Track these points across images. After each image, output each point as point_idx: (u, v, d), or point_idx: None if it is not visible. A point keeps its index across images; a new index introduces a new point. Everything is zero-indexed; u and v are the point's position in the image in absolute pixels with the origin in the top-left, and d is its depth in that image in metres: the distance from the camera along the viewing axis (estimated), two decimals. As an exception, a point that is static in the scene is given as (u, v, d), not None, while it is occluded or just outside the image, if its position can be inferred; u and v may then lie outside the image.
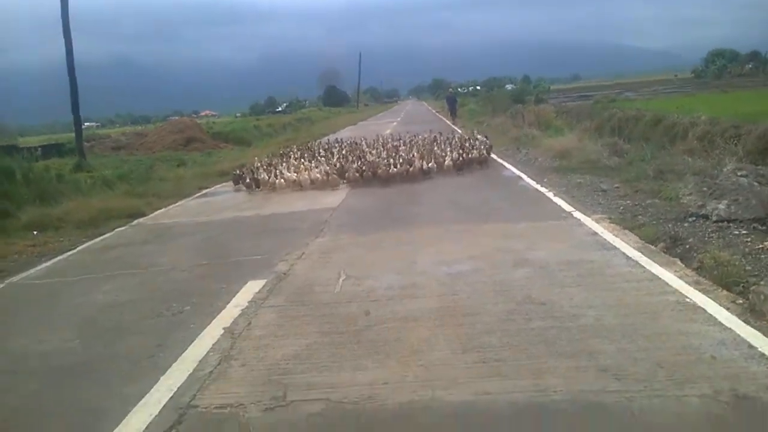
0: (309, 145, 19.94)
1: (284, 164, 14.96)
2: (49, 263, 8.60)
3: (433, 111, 58.83)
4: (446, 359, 4.18)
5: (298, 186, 13.20)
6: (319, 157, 15.74)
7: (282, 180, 13.36)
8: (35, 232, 10.65)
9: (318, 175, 13.29)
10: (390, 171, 13.03)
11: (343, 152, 16.31)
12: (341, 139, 20.29)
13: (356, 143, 18.21)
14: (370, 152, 15.73)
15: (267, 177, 13.64)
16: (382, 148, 16.33)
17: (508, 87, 76.39)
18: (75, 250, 9.32)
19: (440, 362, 4.14)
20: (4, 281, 7.74)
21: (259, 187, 13.63)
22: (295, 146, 19.90)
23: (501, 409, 3.50)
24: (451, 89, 57.02)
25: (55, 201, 12.51)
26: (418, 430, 3.40)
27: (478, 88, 61.68)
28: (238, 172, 14.91)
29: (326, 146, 18.16)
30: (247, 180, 13.99)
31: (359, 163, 13.96)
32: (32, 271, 8.19)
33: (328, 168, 13.75)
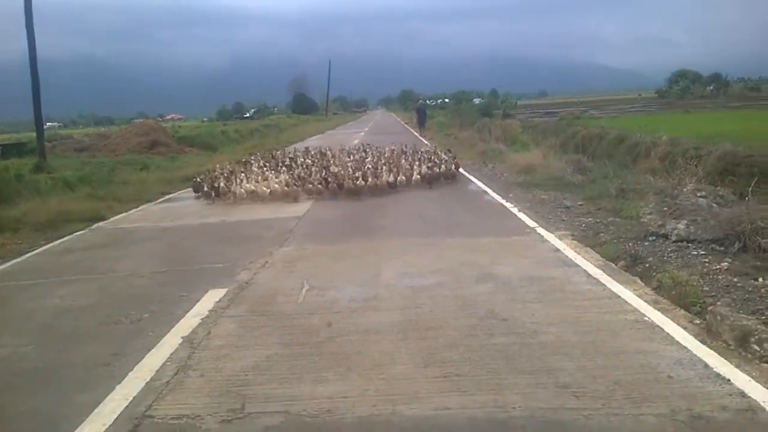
0: (273, 153, 19.43)
1: (245, 173, 14.37)
2: (4, 266, 8.37)
3: (402, 122, 59.02)
4: (408, 373, 4.17)
5: (257, 197, 12.55)
6: (281, 167, 15.18)
7: (242, 190, 12.66)
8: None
9: (277, 186, 12.76)
10: (356, 183, 12.62)
11: (308, 161, 16.02)
12: (307, 148, 19.89)
13: (322, 153, 17.90)
14: (335, 163, 15.37)
15: (227, 186, 12.96)
16: (348, 158, 16.13)
17: (476, 101, 77.11)
18: (32, 253, 9.09)
19: (402, 376, 4.13)
20: (-46, 283, 7.50)
21: (218, 197, 12.92)
22: (258, 153, 19.28)
23: (460, 425, 3.50)
24: (420, 101, 57.11)
25: (13, 202, 12.20)
26: (377, 444, 3.38)
27: (447, 100, 62.14)
28: (198, 179, 14.22)
29: (291, 155, 17.74)
30: (205, 189, 13.30)
31: (324, 173, 13.60)
32: (-15, 273, 7.95)
33: (288, 178, 13.21)
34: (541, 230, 8.52)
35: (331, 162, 15.63)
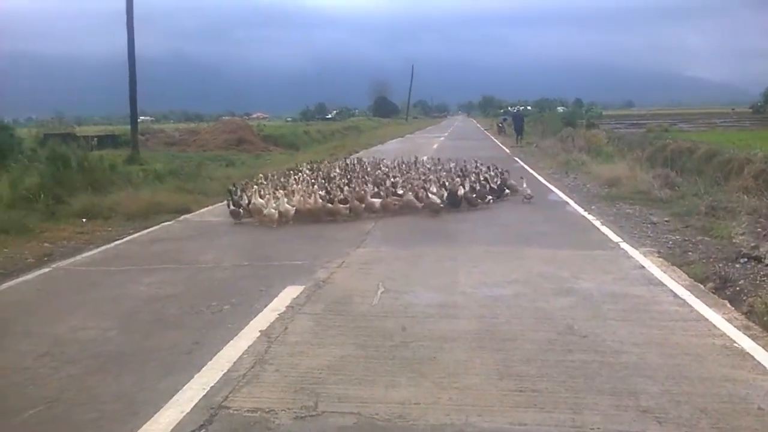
0: (326, 162, 17.46)
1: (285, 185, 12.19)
2: (95, 251, 8.80)
3: (482, 128, 58.63)
4: (482, 384, 4.10)
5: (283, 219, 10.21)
6: (328, 182, 12.76)
7: (272, 209, 10.08)
8: (84, 220, 10.92)
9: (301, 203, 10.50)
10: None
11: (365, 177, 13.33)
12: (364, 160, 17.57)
13: (375, 163, 16.23)
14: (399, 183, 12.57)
15: (258, 203, 10.40)
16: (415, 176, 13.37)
17: (560, 109, 75.49)
18: (121, 241, 9.52)
19: (476, 387, 4.06)
20: (51, 265, 7.94)
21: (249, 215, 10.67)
22: (305, 164, 16.20)
23: (535, 442, 3.41)
24: (518, 107, 55.27)
25: (106, 191, 12.78)
26: (448, 454, 3.33)
27: (529, 108, 60.84)
28: (233, 188, 11.62)
29: (345, 166, 15.85)
30: (231, 207, 10.85)
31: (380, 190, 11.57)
32: (79, 257, 8.39)
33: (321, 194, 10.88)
34: (625, 245, 8.23)
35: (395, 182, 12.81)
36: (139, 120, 23.92)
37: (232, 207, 10.79)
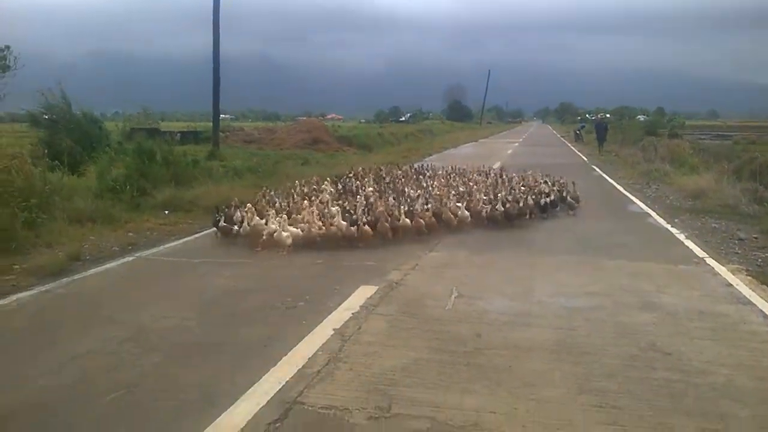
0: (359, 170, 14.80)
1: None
2: (177, 242, 9.09)
3: (558, 135, 57.41)
4: (560, 398, 3.97)
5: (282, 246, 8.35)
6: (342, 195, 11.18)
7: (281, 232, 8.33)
8: (167, 212, 11.30)
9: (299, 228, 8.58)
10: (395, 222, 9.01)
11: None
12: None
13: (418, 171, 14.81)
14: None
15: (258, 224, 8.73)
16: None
17: (640, 118, 72.90)
18: (202, 233, 9.78)
19: (554, 400, 3.94)
20: (134, 254, 8.26)
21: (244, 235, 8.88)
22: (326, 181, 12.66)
23: (617, 461, 3.27)
24: (601, 115, 53.18)
25: (188, 185, 13.18)
26: (525, 467, 3.24)
27: (608, 116, 58.91)
28: (221, 212, 9.42)
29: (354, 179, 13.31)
30: (221, 223, 9.13)
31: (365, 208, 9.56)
32: (161, 248, 8.68)
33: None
34: (711, 261, 7.85)
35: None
36: (219, 118, 24.55)
37: (222, 223, 9.06)
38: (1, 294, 6.41)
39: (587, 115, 79.50)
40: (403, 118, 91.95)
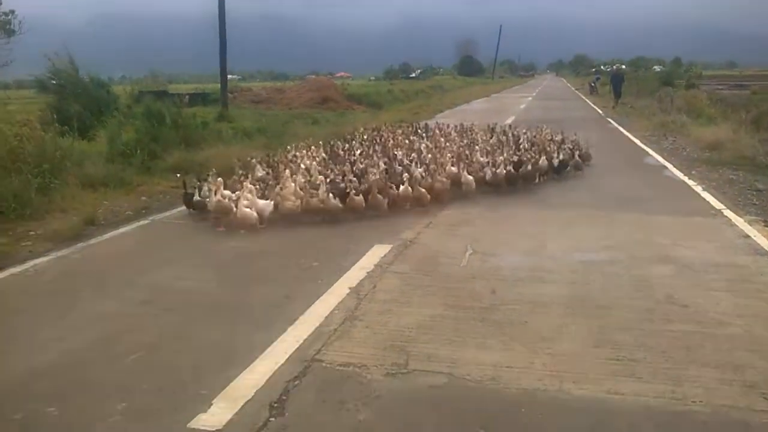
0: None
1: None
2: (189, 206, 9.08)
3: (572, 88, 56.62)
4: (576, 351, 3.99)
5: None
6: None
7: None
8: (178, 175, 11.28)
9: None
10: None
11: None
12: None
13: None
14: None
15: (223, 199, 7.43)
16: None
17: (656, 68, 71.47)
18: (214, 196, 9.75)
19: (570, 353, 3.95)
20: (148, 218, 8.29)
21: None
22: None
23: (634, 412, 3.28)
24: (617, 66, 51.81)
25: (198, 147, 13.15)
26: (542, 419, 3.26)
27: (623, 67, 57.61)
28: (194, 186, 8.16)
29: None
30: (195, 197, 7.89)
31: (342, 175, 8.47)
32: (174, 211, 8.68)
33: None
34: (728, 213, 7.78)
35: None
36: (227, 79, 24.33)
37: (197, 197, 7.84)
38: (18, 260, 6.47)
39: (602, 67, 78.09)
40: (414, 75, 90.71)
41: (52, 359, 4.12)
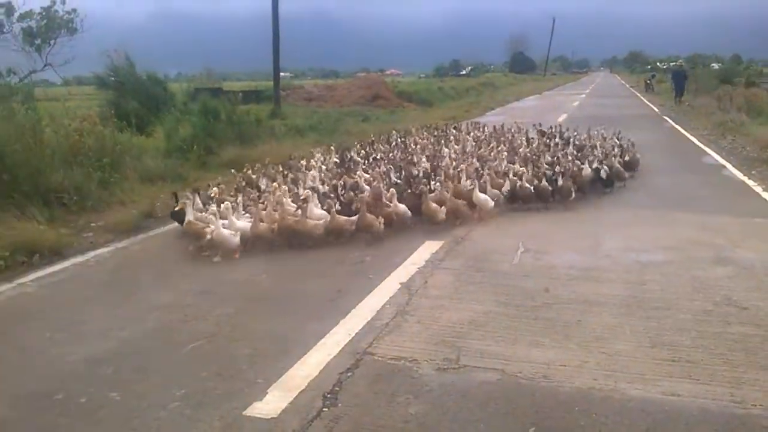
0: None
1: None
2: (244, 200, 9.25)
3: (627, 85, 55.29)
4: (632, 351, 3.92)
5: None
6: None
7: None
8: (232, 171, 11.50)
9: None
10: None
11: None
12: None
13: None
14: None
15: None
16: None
17: (715, 66, 69.24)
18: (267, 191, 9.92)
19: (625, 353, 3.89)
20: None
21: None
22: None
23: (691, 414, 3.22)
24: (680, 62, 50.08)
25: (252, 143, 13.39)
26: (596, 419, 3.22)
27: (681, 63, 55.73)
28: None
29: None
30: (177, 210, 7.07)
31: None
32: (230, 205, 8.87)
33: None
34: (791, 214, 7.51)
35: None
36: (280, 76, 24.65)
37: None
38: (80, 250, 6.75)
39: (657, 64, 76.00)
40: (464, 72, 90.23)
41: (113, 347, 4.29)
